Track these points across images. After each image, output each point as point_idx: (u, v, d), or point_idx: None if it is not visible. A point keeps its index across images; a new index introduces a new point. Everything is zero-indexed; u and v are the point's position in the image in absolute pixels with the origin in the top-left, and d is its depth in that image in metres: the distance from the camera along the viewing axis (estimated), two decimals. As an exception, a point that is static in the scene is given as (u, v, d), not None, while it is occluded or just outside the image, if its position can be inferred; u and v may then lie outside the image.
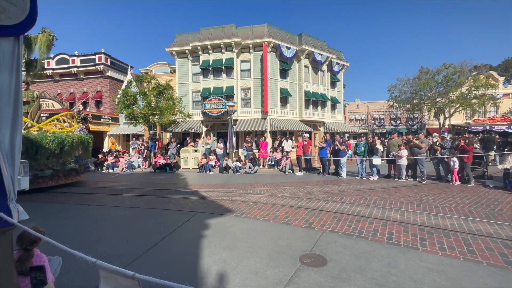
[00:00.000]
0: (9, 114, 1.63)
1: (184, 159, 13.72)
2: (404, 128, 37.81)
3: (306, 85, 20.44)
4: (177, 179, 10.47)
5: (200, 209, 5.54)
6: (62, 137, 8.27)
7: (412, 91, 27.57)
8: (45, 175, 7.93)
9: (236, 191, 7.63)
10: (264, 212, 5.20)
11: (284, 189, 7.72)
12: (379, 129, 39.93)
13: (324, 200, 6.16)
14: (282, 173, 11.60)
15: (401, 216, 4.88)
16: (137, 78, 17.53)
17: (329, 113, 22.89)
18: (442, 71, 25.00)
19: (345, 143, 10.93)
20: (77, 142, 8.90)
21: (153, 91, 16.81)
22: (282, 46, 18.82)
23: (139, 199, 6.70)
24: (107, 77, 23.48)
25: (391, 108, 31.33)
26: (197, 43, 18.97)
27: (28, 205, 5.81)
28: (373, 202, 5.98)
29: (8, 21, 1.74)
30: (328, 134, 12.54)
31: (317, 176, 10.55)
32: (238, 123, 18.55)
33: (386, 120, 40.03)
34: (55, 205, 6.13)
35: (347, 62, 24.66)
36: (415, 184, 8.45)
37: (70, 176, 8.88)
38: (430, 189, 7.47)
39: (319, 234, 4.01)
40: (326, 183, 8.88)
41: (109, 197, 7.07)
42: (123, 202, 6.38)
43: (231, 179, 10.15)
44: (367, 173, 10.05)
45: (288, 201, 6.16)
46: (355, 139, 27.16)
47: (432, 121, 31.91)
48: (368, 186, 8.17)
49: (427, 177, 9.01)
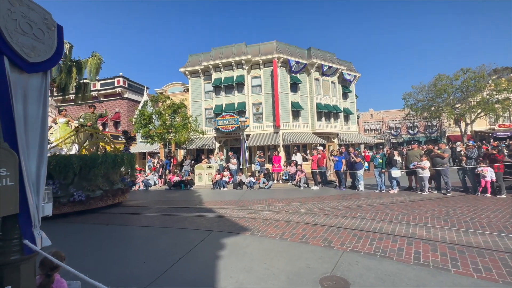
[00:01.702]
0: (36, 143, 1.73)
1: (198, 175, 13.85)
2: (422, 137, 36.44)
3: (317, 98, 20.45)
4: (192, 196, 10.52)
5: (215, 227, 5.49)
6: (112, 157, 8.23)
7: (428, 98, 26.82)
8: (96, 196, 7.83)
9: (250, 207, 7.52)
10: (280, 230, 5.06)
11: (300, 205, 7.52)
12: (396, 138, 38.74)
13: (342, 216, 5.93)
14: (297, 188, 11.39)
15: (427, 232, 4.58)
16: (152, 98, 18.32)
17: (343, 124, 22.59)
18: (460, 77, 24.24)
19: (361, 154, 10.66)
20: (126, 161, 8.89)
21: (168, 110, 17.42)
22: (292, 61, 19.13)
23: (155, 218, 6.75)
24: (124, 98, 24.69)
25: (407, 117, 30.49)
26: (209, 63, 19.69)
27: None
28: (395, 217, 5.67)
29: (37, 58, 1.89)
30: (343, 146, 12.31)
31: (334, 190, 10.27)
32: (251, 138, 18.66)
33: (403, 129, 38.83)
34: (76, 225, 6.30)
35: (358, 73, 24.58)
36: (439, 196, 7.99)
37: (117, 196, 8.68)
38: (457, 202, 7.02)
39: (339, 254, 3.83)
40: (343, 197, 8.60)
41: (126, 216, 7.18)
42: (139, 221, 6.45)
43: (246, 195, 10.07)
44: (386, 186, 9.65)
45: (305, 217, 5.98)
46: (371, 150, 26.44)
47: (452, 128, 30.62)
48: (389, 199, 7.81)
49: (452, 188, 8.51)
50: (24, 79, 1.80)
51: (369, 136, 38.65)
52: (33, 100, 1.80)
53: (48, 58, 1.93)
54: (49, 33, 1.98)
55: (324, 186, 11.39)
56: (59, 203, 7.00)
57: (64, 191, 7.25)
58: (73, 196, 7.25)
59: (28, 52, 1.81)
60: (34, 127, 1.73)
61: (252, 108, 19.81)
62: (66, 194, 7.23)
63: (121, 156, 8.62)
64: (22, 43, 1.77)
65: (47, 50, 1.95)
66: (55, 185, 7.08)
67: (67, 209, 7.20)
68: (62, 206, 7.11)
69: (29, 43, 1.82)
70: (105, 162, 7.87)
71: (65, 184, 7.32)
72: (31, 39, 1.83)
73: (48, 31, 1.96)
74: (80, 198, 7.32)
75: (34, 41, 1.86)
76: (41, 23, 1.92)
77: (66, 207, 7.19)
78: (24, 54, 1.79)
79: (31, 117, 1.75)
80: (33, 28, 1.84)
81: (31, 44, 1.84)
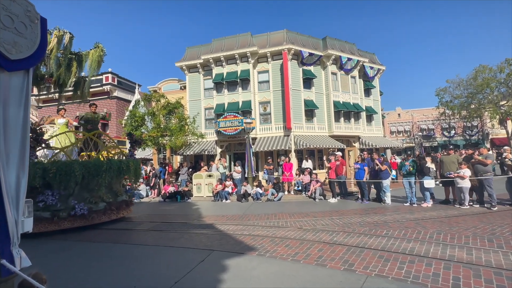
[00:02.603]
0: (16, 152, 1.78)
1: (197, 185, 13.93)
2: (461, 140, 35.78)
3: (334, 95, 20.39)
4: (190, 210, 10.57)
5: (217, 246, 5.49)
6: (117, 164, 8.15)
7: (467, 94, 26.39)
8: (99, 209, 7.71)
9: (257, 223, 7.53)
10: (293, 250, 5.03)
11: (315, 220, 7.49)
12: (429, 142, 38.13)
13: (365, 234, 5.85)
14: (312, 200, 11.33)
15: (468, 255, 4.46)
16: (145, 97, 18.63)
17: (365, 126, 22.43)
18: (505, 68, 23.76)
19: (387, 161, 10.53)
20: (132, 168, 8.74)
21: (162, 111, 17.67)
22: (305, 52, 19.19)
23: (147, 235, 6.80)
24: (113, 97, 25.19)
25: (442, 116, 30.03)
26: (209, 56, 19.95)
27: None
28: (429, 236, 5.57)
29: (19, 55, 1.96)
30: (365, 152, 12.19)
31: (355, 203, 10.18)
32: (257, 142, 18.70)
33: (437, 131, 38.22)
34: (59, 242, 6.41)
35: (383, 66, 24.44)
36: (482, 211, 7.80)
37: (121, 209, 8.49)
38: (504, 218, 6.83)
39: (363, 279, 3.77)
40: (366, 211, 8.51)
41: (115, 232, 7.26)
42: (130, 238, 6.51)
43: (251, 209, 10.06)
44: (417, 198, 9.49)
45: (321, 235, 5.93)
46: (399, 155, 26.07)
47: (497, 129, 29.94)
48: (421, 215, 7.69)
49: (498, 201, 8.29)
50: (3, 78, 1.87)
51: (397, 139, 38.15)
52: (14, 102, 1.87)
53: (30, 55, 2.00)
54: (32, 26, 2.06)
55: (344, 198, 11.30)
56: (58, 217, 6.98)
57: (64, 204, 7.21)
58: (74, 209, 7.20)
59: (9, 48, 1.89)
60: (14, 132, 1.79)
61: (259, 108, 19.89)
62: (66, 207, 7.19)
63: (126, 162, 8.55)
64: (2, 39, 1.85)
65: (30, 46, 2.03)
66: (54, 196, 7.07)
67: (67, 224, 7.13)
68: (61, 221, 7.04)
69: (10, 38, 1.90)
70: (110, 169, 7.79)
71: (65, 195, 7.29)
72: (13, 33, 1.91)
73: (31, 24, 2.03)
74: (82, 211, 7.26)
75: (16, 36, 1.93)
76: (24, 15, 2.00)
77: (66, 222, 7.12)
78: (5, 51, 1.86)
79: (11, 121, 1.82)
80: (15, 21, 1.92)
81: (12, 39, 1.91)
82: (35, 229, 6.57)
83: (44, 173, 6.72)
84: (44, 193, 6.98)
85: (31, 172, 6.24)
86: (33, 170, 6.44)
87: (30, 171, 6.22)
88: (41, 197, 6.94)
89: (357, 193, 11.17)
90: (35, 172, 6.54)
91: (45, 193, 6.99)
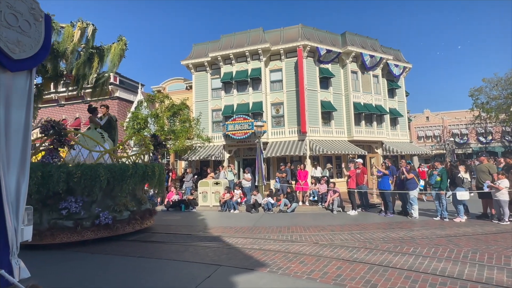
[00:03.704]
0: (17, 156, 1.86)
1: (203, 194, 14.01)
2: (499, 147, 34.72)
3: (355, 96, 20.24)
4: (195, 220, 10.64)
5: (224, 261, 5.50)
6: (143, 169, 8.08)
7: (506, 95, 25.66)
8: (123, 218, 7.56)
9: (268, 236, 7.50)
10: (308, 268, 4.98)
11: (333, 235, 7.41)
12: (462, 148, 37.20)
13: (390, 252, 5.74)
14: (329, 212, 11.22)
15: (508, 278, 4.30)
16: (148, 98, 19.00)
17: (389, 130, 22.13)
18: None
19: (414, 170, 10.34)
20: (157, 173, 8.70)
21: (167, 112, 17.96)
22: (322, 49, 19.18)
23: (149, 247, 6.87)
24: (115, 98, 25.80)
25: (477, 120, 29.26)
26: (217, 53, 20.22)
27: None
28: (463, 255, 5.41)
29: (22, 54, 2.05)
30: (389, 159, 12.00)
31: (378, 217, 10.03)
32: (269, 147, 18.71)
33: (471, 136, 37.29)
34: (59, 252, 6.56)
35: (409, 63, 24.15)
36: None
37: (145, 219, 8.30)
38: (550, 237, 6.56)
39: (387, 302, 3.68)
40: (390, 226, 8.38)
41: (114, 243, 7.37)
42: (129, 250, 6.59)
43: (262, 220, 10.04)
44: (449, 212, 9.26)
45: (340, 252, 5.86)
46: (427, 163, 25.52)
47: (541, 135, 28.89)
48: (453, 231, 7.50)
49: (543, 217, 7.98)
50: (6, 78, 1.96)
51: (425, 145, 37.43)
52: (17, 103, 1.95)
53: (34, 54, 2.10)
54: (36, 25, 2.16)
55: (365, 210, 11.16)
56: (81, 226, 6.88)
57: (88, 212, 7.15)
58: (99, 218, 7.09)
59: (12, 47, 1.98)
60: (16, 135, 1.87)
61: (271, 110, 19.95)
62: (90, 216, 7.13)
63: (151, 167, 8.47)
64: (6, 38, 1.95)
65: (33, 45, 2.13)
66: (77, 203, 6.94)
67: (90, 235, 7.03)
68: (84, 231, 6.95)
69: (14, 37, 1.99)
70: (135, 174, 7.73)
71: (88, 203, 7.21)
72: (17, 32, 2.01)
73: (35, 22, 2.14)
74: (107, 220, 7.15)
75: (20, 35, 2.03)
76: (28, 13, 2.11)
77: (89, 232, 7.02)
78: (8, 50, 1.96)
79: (13, 124, 1.90)
80: (19, 20, 2.02)
81: (16, 38, 2.01)
82: (57, 239, 6.67)
83: (68, 177, 6.61)
84: (67, 200, 6.89)
85: (54, 176, 6.33)
86: (57, 173, 6.41)
87: (54, 175, 6.32)
88: (64, 204, 6.84)
89: (380, 205, 10.99)
90: (59, 176, 6.44)
91: (68, 200, 6.89)
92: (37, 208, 6.60)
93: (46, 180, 6.34)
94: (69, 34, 8.22)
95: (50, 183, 6.37)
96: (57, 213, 6.81)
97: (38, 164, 6.51)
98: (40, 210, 6.73)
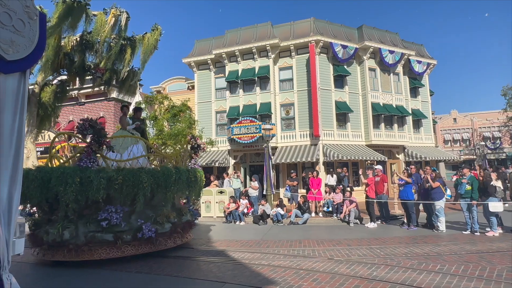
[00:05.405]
0: (8, 163, 1.92)
1: (206, 203, 14.05)
2: (537, 152, 33.96)
3: (373, 95, 20.16)
4: (197, 232, 10.64)
5: (229, 278, 5.50)
6: (186, 174, 7.82)
7: (543, 94, 25.20)
8: (165, 231, 7.26)
9: (278, 251, 7.48)
10: (322, 286, 4.96)
11: (350, 250, 7.37)
12: (494, 153, 36.55)
13: (413, 269, 5.67)
14: (345, 224, 11.15)
15: (549, 300, 4.20)
16: (146, 99, 19.24)
17: (411, 133, 21.94)
18: None
19: (440, 178, 10.20)
20: (200, 180, 8.47)
21: (166, 114, 18.15)
22: (336, 45, 19.19)
23: (147, 262, 6.89)
24: (111, 99, 26.16)
25: (511, 122, 28.76)
26: (222, 50, 20.41)
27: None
28: (497, 273, 5.31)
29: (16, 55, 2.13)
30: (412, 166, 11.86)
31: (399, 230, 9.93)
32: (278, 153, 18.72)
33: (505, 140, 36.66)
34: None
35: (433, 59, 23.98)
36: None
37: (185, 232, 8.03)
38: None
39: (411, 325, 3.63)
40: (414, 240, 8.28)
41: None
42: (125, 265, 6.62)
43: (271, 233, 10.03)
44: (481, 225, 9.10)
45: (357, 269, 5.81)
46: (455, 170, 25.17)
47: None
48: (485, 246, 7.37)
49: None
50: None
51: (452, 150, 36.91)
52: (9, 107, 2.02)
53: (28, 55, 2.16)
54: (30, 23, 2.23)
55: (385, 223, 11.03)
56: (122, 240, 6.56)
57: (128, 223, 6.87)
58: (141, 230, 6.76)
59: (5, 48, 2.06)
60: (8, 140, 1.93)
61: (281, 111, 19.98)
62: (131, 228, 6.84)
63: (194, 172, 8.26)
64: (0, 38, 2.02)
65: (27, 45, 2.20)
66: (117, 213, 6.62)
67: (131, 251, 6.69)
68: (124, 246, 6.62)
69: (7, 37, 2.07)
70: (179, 180, 7.44)
71: (127, 213, 6.93)
72: (10, 32, 2.08)
73: (29, 21, 2.21)
74: (150, 233, 6.79)
75: (14, 34, 2.11)
76: (22, 12, 2.18)
77: (129, 248, 6.68)
78: (1, 51, 2.03)
79: (5, 129, 1.96)
80: (13, 18, 2.09)
81: (9, 38, 2.08)
82: (95, 255, 6.35)
83: (109, 184, 6.33)
84: (106, 210, 6.60)
85: (94, 183, 6.08)
86: (96, 179, 6.13)
87: (94, 181, 6.06)
88: (104, 215, 6.53)
89: (402, 216, 10.88)
90: (99, 183, 6.14)
91: (107, 210, 6.59)
92: (72, 219, 6.45)
93: (85, 187, 6.09)
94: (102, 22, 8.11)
95: (89, 191, 6.11)
96: (94, 225, 6.51)
97: (76, 169, 6.27)
98: (76, 221, 6.47)
